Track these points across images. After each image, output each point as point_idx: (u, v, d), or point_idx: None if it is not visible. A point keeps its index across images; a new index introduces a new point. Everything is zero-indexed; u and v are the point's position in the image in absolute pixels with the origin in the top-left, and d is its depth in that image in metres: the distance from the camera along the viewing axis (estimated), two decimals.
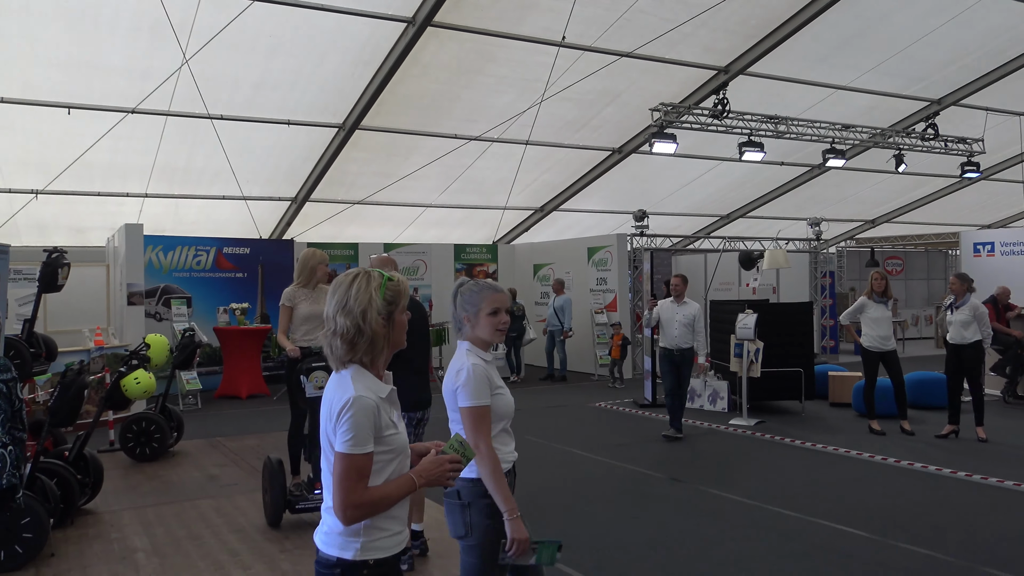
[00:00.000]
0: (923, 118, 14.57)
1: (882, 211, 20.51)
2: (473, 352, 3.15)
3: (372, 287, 2.36)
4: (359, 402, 2.26)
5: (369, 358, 2.35)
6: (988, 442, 8.67)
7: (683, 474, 7.55)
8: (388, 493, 2.30)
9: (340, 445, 2.24)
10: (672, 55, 11.74)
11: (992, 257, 14.47)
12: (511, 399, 3.20)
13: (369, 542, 2.33)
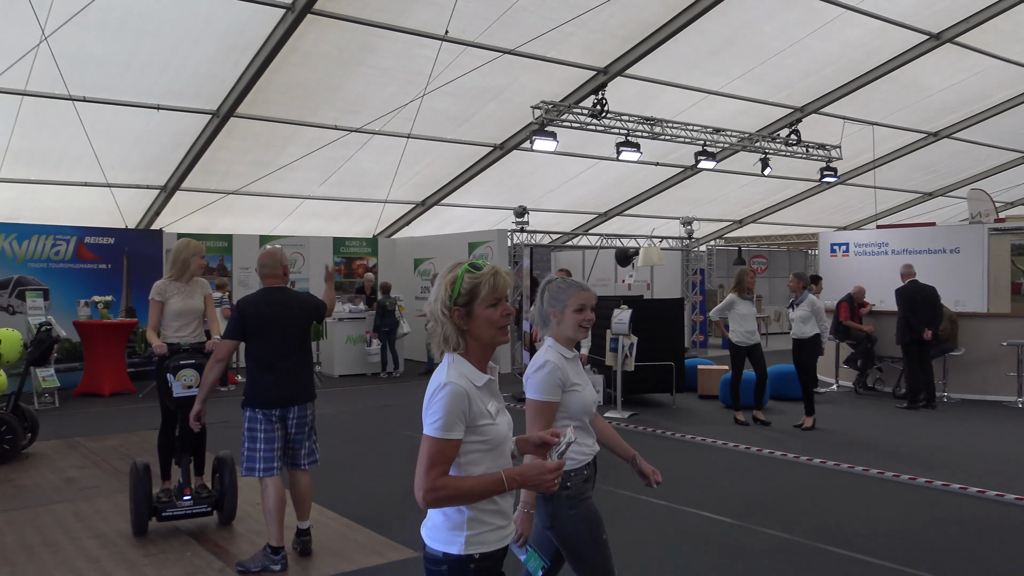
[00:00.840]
0: (787, 124, 15.35)
1: (749, 212, 21.49)
2: (555, 349, 3.17)
3: (446, 279, 2.40)
4: (450, 388, 2.28)
5: (451, 347, 2.36)
6: (831, 431, 9.26)
7: None
8: (472, 488, 2.27)
9: (427, 427, 2.28)
10: (553, 54, 11.92)
11: (847, 257, 15.42)
12: (589, 396, 3.21)
13: (474, 536, 2.32)
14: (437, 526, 2.36)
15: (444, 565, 2.34)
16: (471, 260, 2.48)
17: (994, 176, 20.31)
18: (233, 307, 5.06)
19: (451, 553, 2.33)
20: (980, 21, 12.60)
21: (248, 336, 4.92)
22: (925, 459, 7.85)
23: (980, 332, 11.48)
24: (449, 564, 2.33)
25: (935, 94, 15.41)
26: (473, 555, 2.33)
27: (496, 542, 2.37)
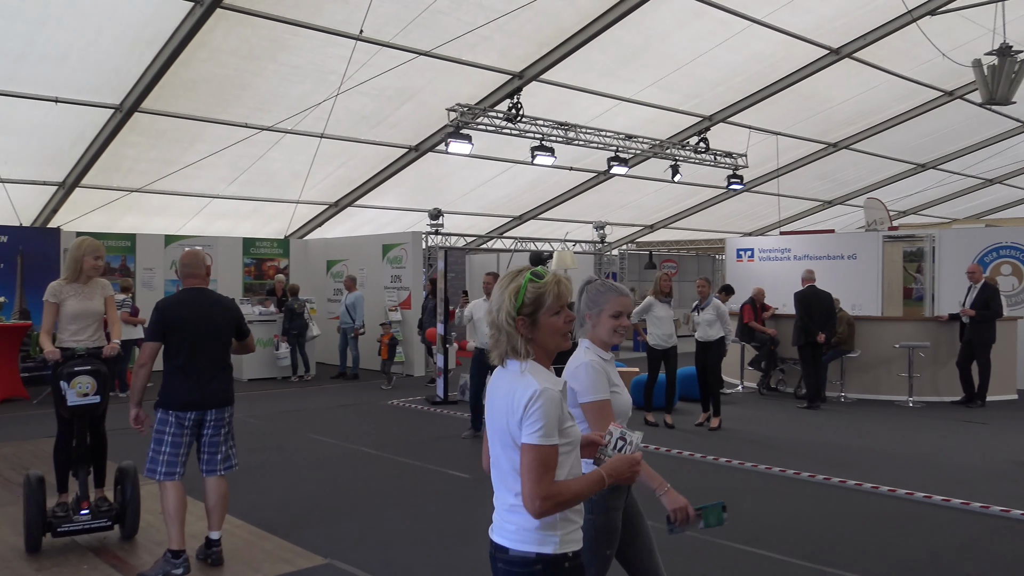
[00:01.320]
0: (696, 132, 15.75)
1: (660, 217, 21.96)
2: (592, 350, 3.17)
3: (509, 289, 2.42)
4: (546, 394, 2.29)
5: (522, 356, 2.39)
6: (737, 430, 9.55)
7: (471, 470, 7.71)
8: (581, 489, 2.35)
9: (528, 436, 2.28)
10: (469, 57, 11.93)
11: (752, 262, 15.92)
12: (627, 398, 3.23)
13: (566, 535, 2.38)
14: (526, 528, 2.37)
15: (538, 565, 2.36)
16: (532, 269, 2.49)
17: (889, 186, 21.30)
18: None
19: (546, 553, 2.36)
20: (876, 38, 13.19)
21: (167, 337, 4.81)
22: (825, 457, 8.17)
23: (875, 335, 12.03)
24: (544, 564, 2.36)
25: (835, 106, 16.06)
26: (567, 553, 2.38)
27: (580, 540, 2.45)
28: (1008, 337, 11.82)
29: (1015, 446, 8.71)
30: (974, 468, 7.71)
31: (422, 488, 7.07)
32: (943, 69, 13.87)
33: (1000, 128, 18.49)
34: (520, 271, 2.48)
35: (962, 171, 21.16)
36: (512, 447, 2.36)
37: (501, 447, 2.41)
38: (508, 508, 2.42)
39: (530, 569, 2.36)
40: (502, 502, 2.45)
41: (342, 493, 6.86)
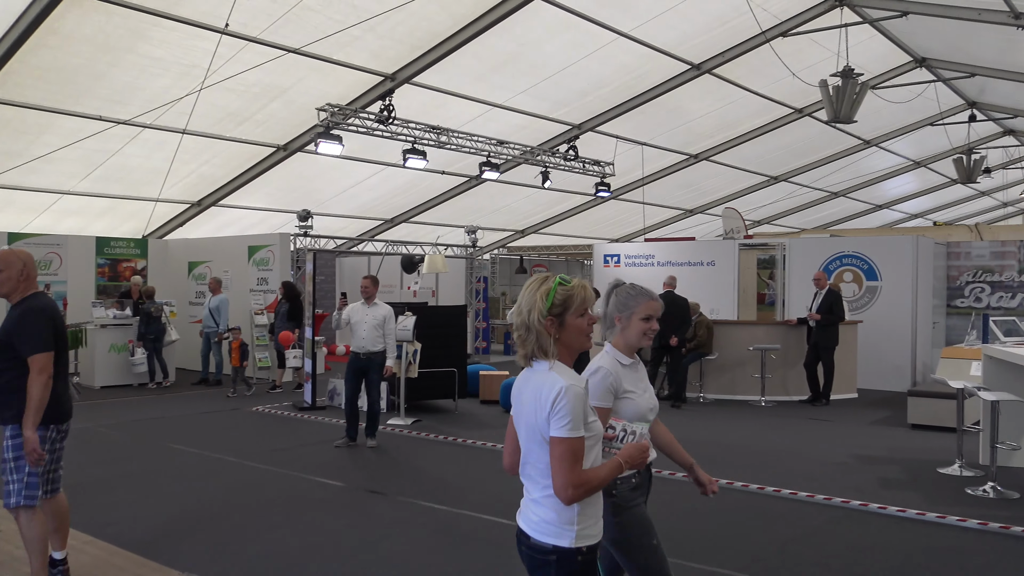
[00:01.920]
0: (566, 140, 16.09)
1: (530, 222, 22.29)
2: (611, 355, 3.22)
3: (540, 291, 2.61)
4: (572, 390, 2.49)
5: (549, 355, 2.58)
6: None
7: (340, 477, 7.60)
8: (603, 476, 2.56)
9: (557, 430, 2.48)
10: (340, 56, 11.75)
11: (618, 268, 16.42)
12: (644, 403, 3.27)
13: (582, 530, 2.57)
14: (548, 521, 2.58)
15: (553, 555, 2.58)
16: (559, 275, 2.70)
17: (745, 196, 22.41)
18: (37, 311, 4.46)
19: (561, 546, 2.57)
20: (733, 56, 13.88)
21: None
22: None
23: (731, 338, 12.64)
24: (559, 555, 2.57)
25: (696, 119, 16.77)
26: (581, 548, 2.58)
27: (596, 535, 2.64)
28: (850, 340, 12.68)
29: (855, 441, 9.36)
30: (819, 462, 8.23)
31: (290, 497, 6.90)
32: (794, 88, 14.74)
33: (844, 145, 19.81)
34: (548, 276, 2.68)
35: (810, 184, 22.53)
36: (542, 442, 2.55)
37: (532, 442, 2.61)
38: (534, 500, 2.64)
39: (546, 558, 2.59)
40: (529, 494, 2.68)
41: (203, 505, 6.61)
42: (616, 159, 16.85)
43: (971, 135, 18.55)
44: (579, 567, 2.58)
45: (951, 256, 14.55)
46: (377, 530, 5.96)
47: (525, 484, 2.70)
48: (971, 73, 15.16)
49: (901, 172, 23.48)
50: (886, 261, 13.71)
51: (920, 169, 23.37)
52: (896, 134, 19.52)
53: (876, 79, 14.99)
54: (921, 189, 26.42)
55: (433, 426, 10.13)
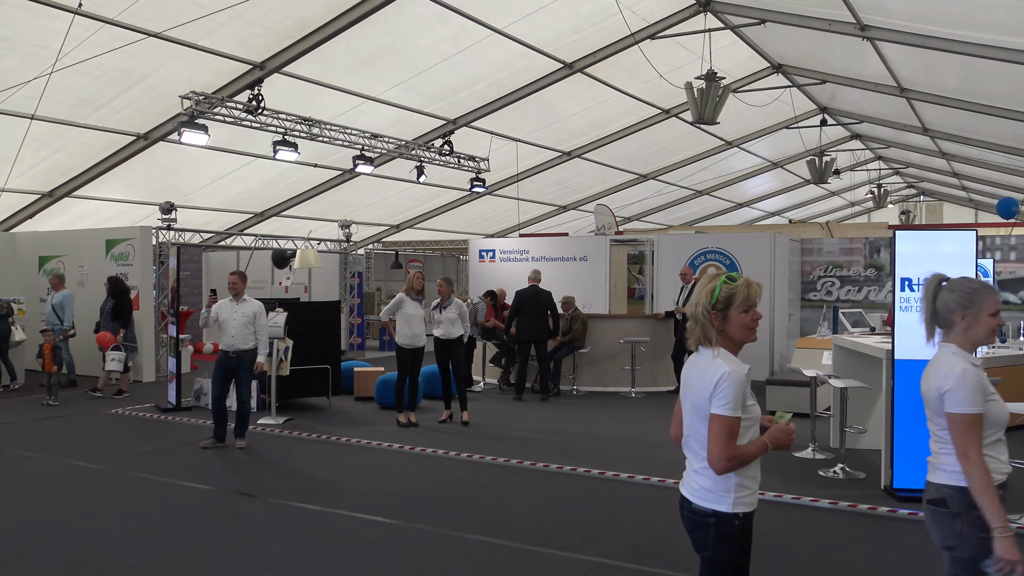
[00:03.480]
0: (441, 135, 16.05)
1: (406, 217, 22.13)
2: (961, 356, 2.98)
3: (707, 288, 2.91)
4: (733, 376, 2.79)
5: (713, 344, 2.88)
6: (480, 425, 9.91)
7: (207, 480, 7.33)
8: (750, 451, 2.83)
9: (717, 408, 2.79)
10: (206, 43, 11.28)
11: (493, 263, 16.55)
12: (1004, 406, 3.01)
13: (739, 498, 2.85)
14: (707, 489, 2.91)
15: (712, 518, 2.89)
16: (727, 273, 2.96)
17: (616, 193, 23.01)
18: None
19: (720, 510, 2.88)
20: (604, 56, 14.21)
21: None
22: (560, 447, 8.67)
23: (603, 331, 12.97)
24: (717, 519, 2.88)
25: (569, 117, 17.09)
26: (738, 513, 2.87)
27: (752, 504, 2.92)
28: None
29: None
30: None
31: (152, 503, 6.59)
32: (661, 89, 15.24)
33: (708, 145, 20.66)
34: (716, 275, 2.96)
35: (677, 182, 23.38)
36: (704, 419, 2.86)
37: (695, 419, 2.93)
38: (695, 471, 2.98)
39: (705, 521, 2.91)
40: (691, 465, 3.02)
41: (56, 515, 6.22)
42: (491, 155, 16.94)
43: (822, 138, 19.73)
44: (735, 530, 2.89)
45: (805, 252, 15.43)
46: (247, 533, 5.79)
47: (687, 456, 3.04)
48: (823, 80, 16.10)
49: (760, 172, 24.72)
50: (746, 256, 14.40)
51: (777, 170, 24.67)
52: (755, 136, 20.51)
53: (737, 83, 15.69)
54: (778, 188, 27.89)
55: (306, 425, 9.91)
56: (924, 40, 11.41)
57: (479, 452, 8.34)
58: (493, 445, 8.72)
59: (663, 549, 5.48)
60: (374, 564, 5.18)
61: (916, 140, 20.47)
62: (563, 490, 7.02)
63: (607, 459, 8.04)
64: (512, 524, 6.00)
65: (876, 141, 22.76)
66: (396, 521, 6.03)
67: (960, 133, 17.69)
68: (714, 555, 2.94)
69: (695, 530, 2.97)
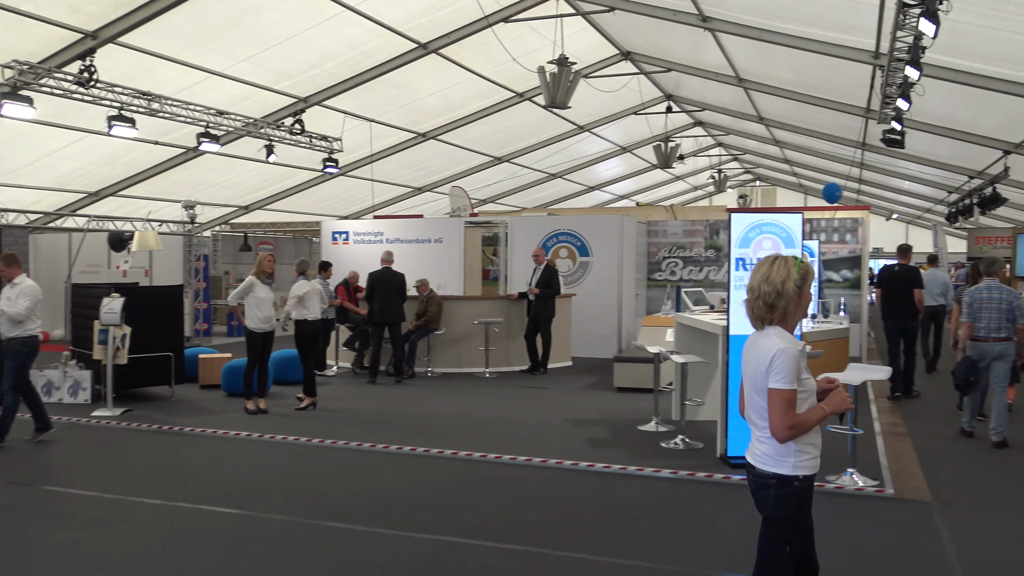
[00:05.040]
0: (291, 113, 15.58)
1: (255, 198, 21.38)
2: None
3: (786, 266, 3.15)
4: (787, 352, 3.04)
5: (782, 318, 3.14)
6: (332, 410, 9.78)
7: (26, 476, 6.87)
8: (809, 418, 3.07)
9: (774, 382, 3.05)
10: (30, 7, 10.44)
11: (347, 245, 16.27)
12: None
13: (799, 462, 3.10)
14: (768, 454, 3.15)
15: (773, 480, 3.12)
16: (792, 255, 3.22)
17: (471, 176, 23.11)
18: None
19: (781, 473, 3.11)
20: (459, 38, 14.20)
21: None
22: (413, 429, 8.68)
23: (458, 313, 13.04)
24: (778, 480, 3.11)
25: (424, 98, 16.98)
26: (798, 476, 3.11)
27: (813, 468, 3.15)
28: (565, 312, 13.59)
29: (569, 406, 10.07)
30: (537, 427, 8.77)
31: None
32: (515, 72, 15.40)
33: (561, 129, 21.08)
34: (782, 256, 3.21)
35: (531, 165, 23.74)
36: (761, 392, 3.12)
37: (754, 391, 3.17)
38: (757, 439, 3.21)
39: (767, 482, 3.14)
40: (753, 434, 3.25)
41: None
42: (344, 135, 16.62)
43: (668, 125, 20.54)
44: (796, 491, 3.12)
45: (651, 234, 16.05)
46: (78, 532, 5.47)
47: (751, 426, 3.26)
48: (668, 68, 16.75)
49: (610, 156, 25.48)
50: (596, 238, 14.83)
51: (626, 154, 25.50)
52: (605, 121, 21.11)
53: (588, 68, 16.07)
54: (627, 172, 28.85)
55: (146, 415, 9.45)
56: (759, 33, 12.07)
57: (330, 437, 8.23)
58: (345, 429, 8.63)
59: (512, 525, 5.61)
60: (218, 557, 5.03)
61: (753, 128, 21.67)
62: (415, 472, 7.04)
63: (459, 439, 8.12)
64: (361, 508, 5.97)
65: (717, 128, 23.93)
66: (242, 511, 5.87)
67: (791, 122, 18.87)
68: (774, 512, 3.16)
69: (758, 491, 3.21)
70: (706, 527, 5.61)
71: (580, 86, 13.27)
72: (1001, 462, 7.45)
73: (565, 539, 5.32)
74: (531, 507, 6.04)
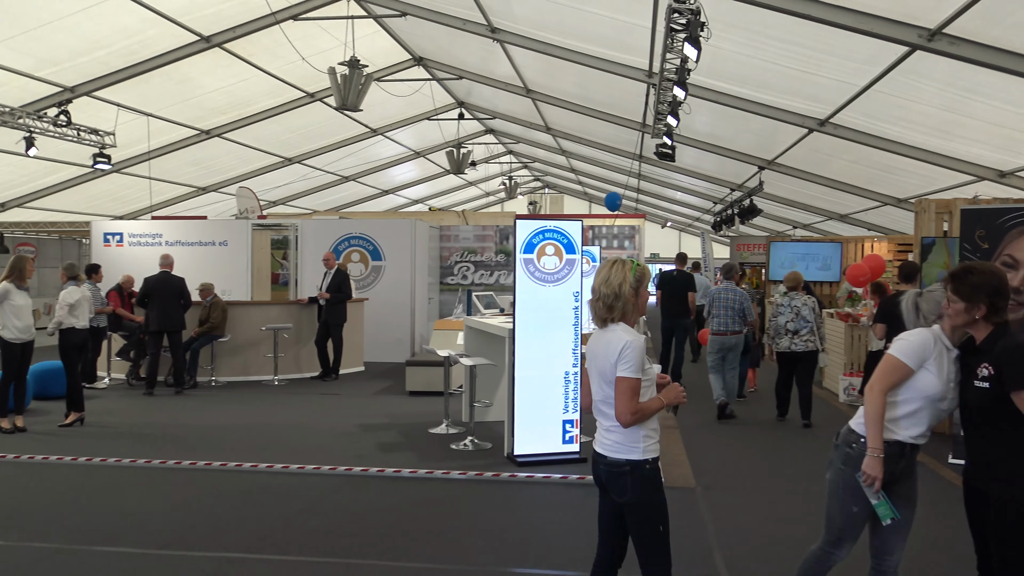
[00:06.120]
0: (56, 103, 14.31)
1: (13, 195, 19.41)
2: (938, 333, 3.51)
3: (626, 268, 3.43)
4: (635, 344, 3.30)
5: (621, 317, 3.41)
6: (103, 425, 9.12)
7: None
8: (650, 406, 3.34)
9: (622, 371, 3.29)
10: None
11: (121, 247, 15.17)
12: (940, 387, 3.44)
13: (647, 447, 3.37)
14: (619, 442, 3.39)
15: (627, 466, 3.37)
16: (632, 259, 3.53)
17: (260, 176, 22.27)
18: None
19: (633, 459, 3.37)
20: (245, 32, 13.63)
21: None
22: (192, 442, 8.25)
23: (245, 319, 12.55)
24: (632, 466, 3.37)
25: (208, 94, 16.16)
26: (647, 459, 3.38)
27: (657, 451, 3.43)
28: (357, 317, 13.46)
29: (360, 411, 9.99)
30: (327, 434, 8.62)
31: None
32: (306, 72, 15.04)
33: (354, 131, 20.83)
34: (623, 259, 3.50)
35: (323, 167, 23.26)
36: (611, 383, 3.33)
37: (603, 384, 3.39)
38: (607, 430, 3.44)
39: (621, 470, 3.38)
40: (603, 426, 3.47)
41: None
42: (118, 129, 15.50)
43: (460, 131, 20.90)
44: (649, 473, 3.38)
45: (443, 239, 16.25)
46: None
47: (598, 419, 3.47)
48: (459, 76, 17.04)
49: (404, 160, 25.50)
50: (389, 243, 14.81)
51: (420, 159, 25.64)
52: (399, 125, 21.11)
53: (380, 72, 16.03)
54: (421, 177, 29.00)
55: None
56: (545, 47, 12.59)
57: (99, 454, 7.65)
58: (116, 445, 8.05)
59: (298, 535, 5.49)
60: None
61: (541, 137, 22.53)
62: (193, 487, 6.70)
63: (244, 450, 7.83)
64: (132, 529, 5.59)
65: (508, 136, 24.66)
66: None
67: (576, 133, 19.82)
68: (635, 496, 3.37)
69: (613, 480, 3.41)
70: (495, 525, 5.78)
71: (373, 89, 13.22)
72: (758, 448, 8.25)
73: (353, 546, 5.29)
74: (318, 516, 5.94)
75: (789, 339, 9.24)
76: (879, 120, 10.96)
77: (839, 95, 10.49)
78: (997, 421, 3.29)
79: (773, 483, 7.00)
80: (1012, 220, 7.58)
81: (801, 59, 9.77)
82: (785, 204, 19.46)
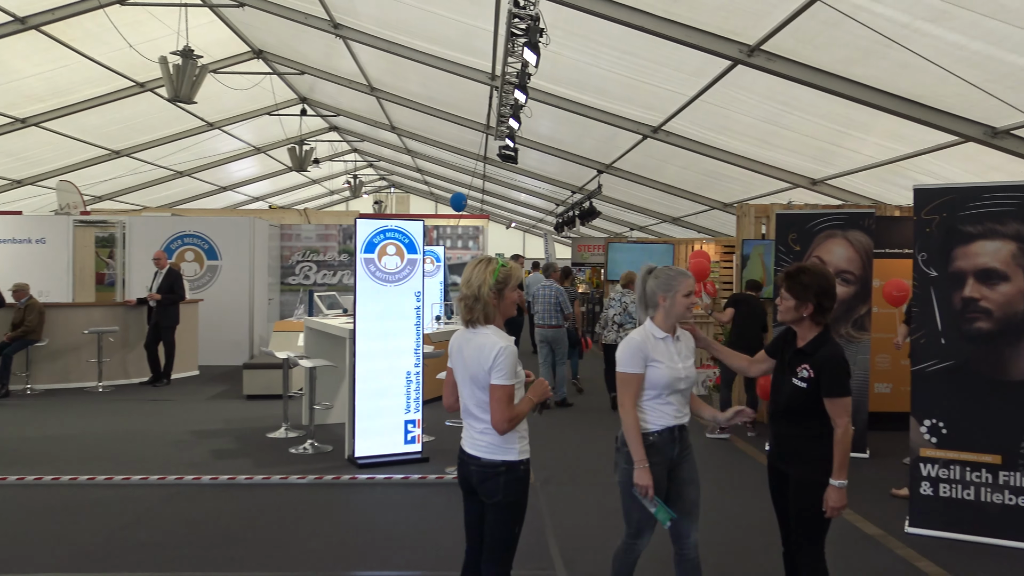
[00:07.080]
0: None
1: None
2: (648, 329, 3.72)
3: (488, 269, 3.37)
4: (507, 350, 3.28)
5: (484, 319, 3.36)
6: None
7: None
8: (523, 409, 3.35)
9: (497, 379, 3.26)
10: None
11: None
12: (670, 373, 3.65)
13: (522, 448, 3.41)
14: (494, 443, 3.33)
15: (502, 467, 3.33)
16: (500, 258, 3.48)
17: (84, 169, 20.84)
18: None
19: (508, 460, 3.34)
20: (66, 16, 12.71)
21: None
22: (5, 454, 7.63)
23: (65, 322, 11.73)
24: (507, 467, 3.33)
25: (23, 80, 14.96)
26: (522, 460, 3.37)
27: (528, 452, 3.42)
28: (191, 318, 12.87)
29: (194, 417, 9.57)
30: (157, 443, 8.21)
31: None
32: (135, 60, 14.20)
33: (188, 125, 19.84)
34: (491, 258, 3.41)
35: (155, 161, 22.06)
36: (483, 388, 3.29)
37: (474, 387, 3.34)
38: (479, 431, 3.37)
39: (496, 471, 3.33)
40: (473, 428, 3.41)
41: None
42: None
43: (303, 128, 20.39)
44: (523, 475, 3.37)
45: (284, 238, 15.82)
46: None
47: (467, 421, 3.42)
48: (302, 71, 16.63)
49: (243, 156, 24.57)
50: (226, 241, 14.25)
51: (260, 155, 24.79)
52: (237, 119, 20.32)
53: (217, 64, 15.39)
54: (262, 174, 28.04)
55: None
56: (389, 45, 12.50)
57: None
58: None
59: (123, 550, 5.20)
60: None
61: (386, 136, 22.35)
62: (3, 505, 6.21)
63: (63, 462, 7.33)
64: None
65: (352, 134, 24.29)
66: None
67: (421, 133, 19.80)
68: (505, 497, 3.35)
69: (485, 480, 3.36)
70: (336, 529, 5.69)
71: (209, 82, 12.68)
72: (593, 440, 8.54)
73: (184, 558, 5.07)
74: (146, 528, 5.65)
75: (615, 332, 9.93)
76: (706, 129, 11.61)
77: (671, 104, 11.02)
78: (802, 413, 3.62)
79: (607, 475, 7.28)
80: (821, 225, 8.26)
81: (636, 68, 10.20)
82: (623, 207, 20.24)
